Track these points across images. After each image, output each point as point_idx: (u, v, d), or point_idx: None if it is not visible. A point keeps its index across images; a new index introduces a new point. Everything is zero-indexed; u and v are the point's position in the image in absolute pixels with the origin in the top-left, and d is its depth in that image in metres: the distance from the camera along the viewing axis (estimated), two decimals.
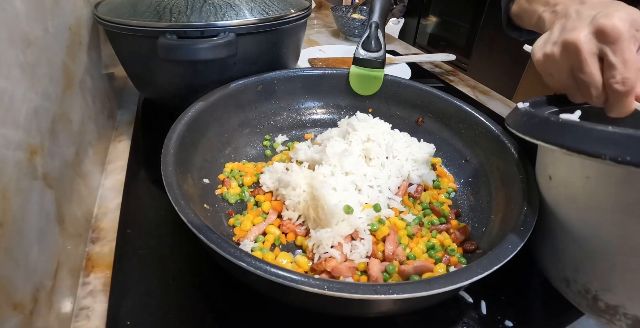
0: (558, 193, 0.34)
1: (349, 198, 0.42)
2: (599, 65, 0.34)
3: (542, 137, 0.29)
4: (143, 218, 0.46)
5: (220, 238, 0.30)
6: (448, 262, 0.41)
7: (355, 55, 0.59)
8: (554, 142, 0.28)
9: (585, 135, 0.26)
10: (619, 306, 0.30)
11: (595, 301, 0.32)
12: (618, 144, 0.24)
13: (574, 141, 0.26)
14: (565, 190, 0.33)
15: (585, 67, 0.34)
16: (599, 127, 0.25)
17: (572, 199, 0.32)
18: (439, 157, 0.56)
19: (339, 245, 0.40)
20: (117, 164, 0.56)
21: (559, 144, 0.28)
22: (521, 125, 0.33)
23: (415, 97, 0.59)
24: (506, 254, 0.31)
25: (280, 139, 0.59)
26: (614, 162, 0.24)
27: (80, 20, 0.53)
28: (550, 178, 0.34)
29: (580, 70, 0.35)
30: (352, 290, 0.27)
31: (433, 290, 0.27)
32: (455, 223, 0.46)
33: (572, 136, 0.27)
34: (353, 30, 1.09)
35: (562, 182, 0.33)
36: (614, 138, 0.24)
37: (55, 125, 0.39)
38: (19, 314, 0.27)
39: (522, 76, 1.87)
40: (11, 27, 0.33)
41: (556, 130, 0.29)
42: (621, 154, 0.24)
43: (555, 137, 0.28)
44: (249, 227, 0.43)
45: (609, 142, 0.24)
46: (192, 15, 0.49)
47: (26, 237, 0.30)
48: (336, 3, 1.65)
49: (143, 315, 0.35)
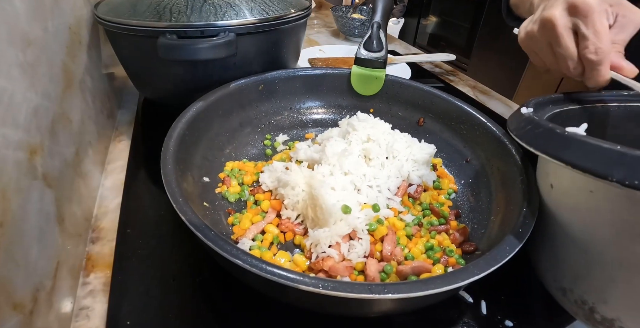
0: (559, 202, 0.33)
1: (347, 198, 0.42)
2: (573, 38, 0.37)
3: (546, 151, 0.28)
4: (143, 218, 0.46)
5: (217, 236, 0.30)
6: (446, 263, 0.41)
7: (356, 55, 0.59)
8: (559, 157, 0.27)
9: (592, 152, 0.25)
10: (615, 319, 0.30)
11: (591, 312, 0.31)
12: (626, 166, 0.22)
13: (579, 158, 0.25)
14: (567, 201, 0.32)
15: (561, 40, 0.37)
16: (607, 144, 0.24)
17: (574, 210, 0.31)
18: (439, 157, 0.56)
19: (336, 244, 0.40)
20: (117, 163, 0.56)
21: (564, 160, 0.26)
22: (524, 134, 0.32)
23: (416, 98, 0.59)
24: (504, 255, 0.31)
25: (281, 138, 0.59)
26: (620, 184, 0.22)
27: (80, 20, 0.53)
28: (551, 187, 0.34)
29: (557, 44, 0.38)
30: (347, 289, 0.27)
31: (429, 290, 0.27)
32: (454, 224, 0.46)
33: (578, 152, 0.25)
34: (353, 30, 1.09)
35: (564, 192, 0.32)
36: (623, 159, 0.23)
37: (55, 125, 0.39)
38: (18, 314, 0.27)
39: (522, 76, 1.87)
40: (11, 26, 0.33)
41: (561, 144, 0.27)
42: (629, 177, 0.22)
43: (560, 151, 0.27)
44: (247, 225, 0.43)
45: (617, 163, 0.23)
46: (192, 15, 0.49)
47: (26, 236, 0.30)
48: (336, 3, 1.65)
49: (143, 315, 0.35)
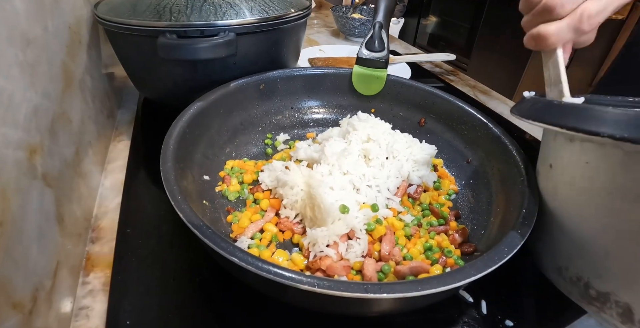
0: (557, 180, 0.35)
1: (346, 197, 0.42)
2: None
3: (544, 119, 0.30)
4: (143, 217, 0.46)
5: (214, 233, 0.30)
6: (445, 264, 0.41)
7: (358, 55, 0.59)
8: (555, 123, 0.29)
9: (585, 115, 0.27)
10: (610, 293, 0.31)
11: (586, 289, 0.32)
12: (616, 122, 0.25)
13: (574, 121, 0.27)
14: (565, 177, 0.33)
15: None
16: (598, 107, 0.26)
17: (571, 184, 0.33)
18: (440, 158, 0.56)
19: (334, 244, 0.40)
20: (117, 163, 0.56)
21: (560, 124, 0.28)
22: (525, 110, 0.33)
23: (418, 98, 0.59)
24: (502, 256, 0.31)
25: (281, 137, 0.59)
26: (611, 138, 0.25)
27: (80, 20, 0.53)
28: (550, 167, 0.35)
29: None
30: (342, 288, 0.27)
31: (425, 290, 0.27)
32: (454, 225, 0.45)
33: (573, 117, 0.28)
34: (353, 30, 1.09)
35: (562, 169, 0.34)
36: (612, 117, 0.25)
37: (54, 125, 0.39)
38: (18, 313, 0.27)
39: (522, 76, 1.87)
40: (11, 26, 0.33)
41: (558, 112, 0.29)
42: (619, 131, 0.25)
43: (557, 118, 0.29)
44: (246, 224, 0.43)
45: (607, 121, 0.25)
46: (192, 14, 0.49)
47: (26, 236, 0.30)
48: (336, 3, 1.65)
49: (143, 314, 0.35)
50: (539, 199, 0.37)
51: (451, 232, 0.44)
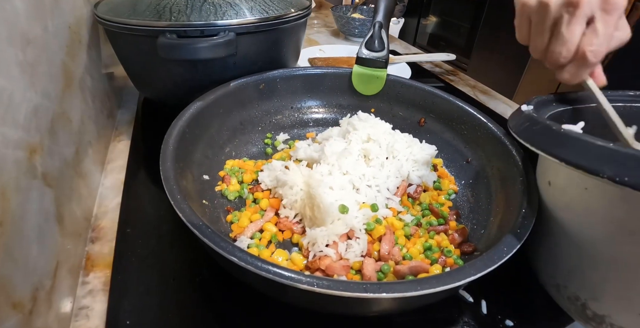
0: (556, 199, 0.34)
1: (345, 197, 0.42)
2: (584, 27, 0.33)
3: (542, 147, 0.29)
4: (143, 217, 0.46)
5: (214, 233, 0.30)
6: (444, 263, 0.41)
7: (358, 55, 0.59)
8: (553, 154, 0.28)
9: (585, 149, 0.25)
10: (606, 316, 0.31)
11: (583, 309, 0.32)
12: (618, 163, 0.23)
13: (573, 155, 0.26)
14: (563, 198, 0.33)
15: (574, 23, 0.32)
16: (600, 142, 0.25)
17: (569, 207, 0.32)
18: (440, 158, 0.56)
19: (334, 243, 0.40)
20: (117, 163, 0.56)
21: (558, 156, 0.27)
22: (522, 130, 0.32)
23: (418, 98, 0.59)
24: (501, 256, 0.31)
25: (281, 137, 0.59)
26: (611, 181, 0.23)
27: (80, 20, 0.53)
28: (549, 184, 0.34)
29: (567, 24, 0.33)
30: (341, 288, 0.27)
31: (423, 290, 0.27)
32: (453, 225, 0.45)
33: (572, 149, 0.26)
34: (353, 30, 1.09)
35: (561, 189, 0.33)
36: (614, 156, 0.24)
37: (54, 125, 0.39)
38: (18, 313, 0.27)
39: (522, 76, 1.87)
40: (11, 26, 0.33)
41: (556, 141, 0.28)
42: (620, 173, 0.23)
43: (555, 148, 0.28)
44: (246, 223, 0.44)
45: (608, 160, 0.24)
46: (192, 14, 0.49)
47: (25, 236, 0.30)
48: (336, 3, 1.65)
49: (143, 314, 0.35)
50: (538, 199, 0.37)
51: (451, 232, 0.44)
